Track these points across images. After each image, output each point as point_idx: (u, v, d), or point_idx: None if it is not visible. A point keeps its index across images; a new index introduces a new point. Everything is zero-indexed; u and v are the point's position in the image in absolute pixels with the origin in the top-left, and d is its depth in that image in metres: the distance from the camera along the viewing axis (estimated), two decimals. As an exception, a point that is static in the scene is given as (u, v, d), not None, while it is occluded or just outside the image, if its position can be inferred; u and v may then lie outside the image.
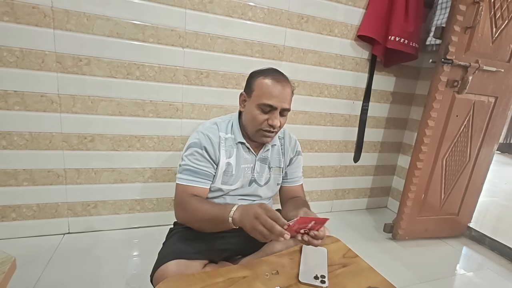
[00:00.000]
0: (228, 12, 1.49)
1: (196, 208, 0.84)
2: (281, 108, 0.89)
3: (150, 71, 1.44)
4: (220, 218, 0.78)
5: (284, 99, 0.89)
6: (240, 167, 0.97)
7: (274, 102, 0.88)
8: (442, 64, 1.50)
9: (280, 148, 1.05)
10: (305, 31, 1.67)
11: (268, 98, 0.88)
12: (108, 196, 1.54)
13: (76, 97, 1.37)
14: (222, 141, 0.95)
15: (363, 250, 1.11)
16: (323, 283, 0.73)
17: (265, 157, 1.02)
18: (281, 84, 0.89)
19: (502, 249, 1.77)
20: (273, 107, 0.88)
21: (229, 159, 0.95)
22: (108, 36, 1.34)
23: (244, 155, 0.98)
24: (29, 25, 1.24)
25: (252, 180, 1.00)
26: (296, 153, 1.08)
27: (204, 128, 0.96)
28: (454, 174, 1.78)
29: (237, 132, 0.97)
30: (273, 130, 0.91)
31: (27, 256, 1.32)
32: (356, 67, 1.85)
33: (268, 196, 1.05)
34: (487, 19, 1.51)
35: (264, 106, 0.88)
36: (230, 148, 0.96)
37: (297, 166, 1.09)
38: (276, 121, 0.89)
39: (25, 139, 1.35)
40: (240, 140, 0.96)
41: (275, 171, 1.04)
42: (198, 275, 0.75)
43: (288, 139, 1.08)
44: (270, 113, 0.89)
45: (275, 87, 0.88)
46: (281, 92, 0.88)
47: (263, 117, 0.89)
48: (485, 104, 1.68)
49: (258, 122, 0.90)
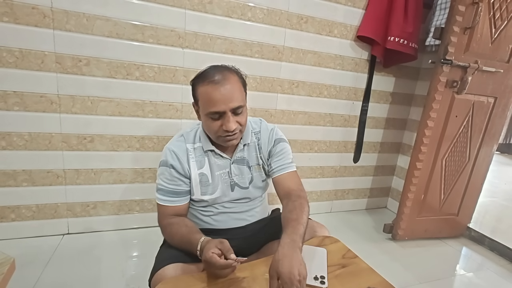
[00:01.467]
0: (227, 12, 1.49)
1: (169, 236, 0.87)
2: (230, 109, 0.83)
3: (150, 71, 1.44)
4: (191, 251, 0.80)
5: (229, 99, 0.82)
6: (215, 174, 0.93)
7: (219, 107, 0.81)
8: (442, 65, 1.50)
9: (257, 142, 0.99)
10: (305, 31, 1.67)
11: (212, 106, 0.82)
12: (107, 196, 1.54)
13: (76, 97, 1.37)
14: (190, 152, 0.91)
15: (362, 250, 1.11)
16: (322, 283, 0.73)
17: (242, 158, 0.97)
18: (219, 84, 0.82)
19: (501, 250, 1.77)
20: (220, 112, 0.82)
21: (201, 169, 0.92)
22: (107, 37, 1.34)
23: (216, 162, 0.94)
24: (29, 25, 1.24)
25: (233, 185, 0.96)
26: (276, 141, 0.99)
27: (170, 143, 0.93)
28: (454, 175, 1.78)
29: (204, 140, 0.93)
30: (232, 133, 0.85)
31: (26, 256, 1.32)
32: (356, 67, 1.85)
33: (258, 195, 1.02)
34: (486, 20, 1.51)
35: (212, 115, 0.83)
36: (201, 157, 0.92)
37: (281, 153, 0.99)
38: (230, 125, 0.83)
39: (24, 140, 1.34)
40: (208, 148, 0.92)
41: (255, 169, 0.99)
42: (197, 275, 0.75)
43: (265, 131, 1.01)
44: (222, 118, 0.84)
45: (214, 91, 0.81)
46: (223, 93, 0.81)
47: (216, 124, 0.85)
48: (485, 104, 1.68)
49: (214, 130, 0.86)
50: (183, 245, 0.83)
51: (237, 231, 1.00)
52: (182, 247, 0.83)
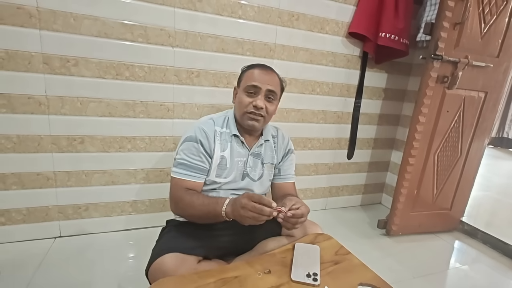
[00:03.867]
0: (217, 10, 1.47)
1: (188, 204, 0.88)
2: (266, 89, 0.94)
3: (140, 71, 1.43)
4: (213, 213, 0.82)
5: (269, 82, 0.95)
6: (233, 160, 0.99)
7: (258, 83, 0.94)
8: (432, 60, 1.51)
9: (274, 145, 1.08)
10: (296, 28, 1.66)
11: (252, 80, 0.94)
12: (99, 198, 1.53)
13: (65, 98, 1.35)
14: (217, 134, 0.97)
15: (357, 246, 1.11)
16: (315, 280, 0.73)
17: (259, 153, 1.04)
18: (266, 71, 0.97)
19: (494, 243, 1.80)
20: (257, 87, 0.94)
21: (223, 153, 0.97)
22: (96, 36, 1.32)
23: (237, 149, 1.00)
24: (14, 26, 1.21)
25: (244, 174, 1.02)
26: (288, 151, 1.11)
27: (200, 122, 0.99)
28: (446, 169, 1.79)
29: (232, 126, 1.00)
30: (258, 112, 0.94)
31: (17, 260, 1.30)
32: (348, 64, 1.85)
33: (261, 192, 1.06)
34: (475, 15, 1.52)
35: (249, 88, 0.94)
36: (225, 142, 0.99)
37: (289, 163, 1.11)
38: (260, 102, 0.93)
39: (12, 142, 1.32)
40: (234, 133, 0.99)
41: (268, 167, 1.06)
42: (189, 276, 0.74)
43: (281, 138, 1.12)
44: (255, 96, 0.95)
45: (260, 72, 0.96)
46: (265, 76, 0.96)
47: (248, 100, 0.95)
48: (475, 99, 1.69)
49: (244, 104, 0.95)
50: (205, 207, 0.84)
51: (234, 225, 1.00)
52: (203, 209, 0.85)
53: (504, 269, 1.60)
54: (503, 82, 1.72)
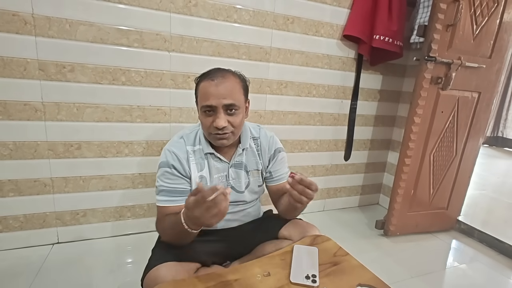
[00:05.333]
0: (213, 15, 1.48)
1: (162, 232, 0.86)
2: (222, 105, 0.84)
3: (136, 76, 1.43)
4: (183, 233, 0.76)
5: (222, 96, 0.84)
6: (213, 177, 0.94)
7: (211, 102, 0.84)
8: (426, 62, 1.53)
9: (256, 149, 1.01)
10: (291, 32, 1.68)
11: (205, 100, 0.85)
12: (97, 203, 1.52)
13: (61, 104, 1.35)
14: (190, 155, 0.92)
15: (355, 247, 1.12)
16: (314, 282, 0.74)
17: (240, 162, 0.98)
18: (215, 81, 0.84)
19: (490, 241, 1.81)
20: (212, 106, 0.84)
21: (201, 172, 0.93)
22: (91, 42, 1.33)
23: (215, 165, 0.95)
24: (10, 32, 1.21)
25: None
26: (275, 151, 1.03)
27: (170, 144, 0.93)
28: (442, 169, 1.81)
29: (205, 143, 0.94)
30: (222, 132, 0.86)
31: (15, 268, 1.29)
32: (343, 66, 1.87)
33: (252, 199, 1.03)
34: (467, 17, 1.54)
35: (204, 109, 0.86)
36: (201, 160, 0.93)
37: (280, 163, 1.04)
38: (219, 121, 0.84)
39: (9, 149, 1.32)
40: (208, 151, 0.93)
41: (253, 174, 1.01)
42: (188, 280, 0.75)
43: (265, 138, 1.03)
44: (213, 115, 0.86)
45: (209, 87, 0.84)
46: (216, 90, 0.84)
47: (208, 120, 0.86)
48: (469, 99, 1.72)
49: (206, 126, 0.88)
50: (174, 231, 0.79)
51: (230, 232, 1.00)
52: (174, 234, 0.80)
53: (501, 267, 1.62)
54: (496, 82, 1.75)
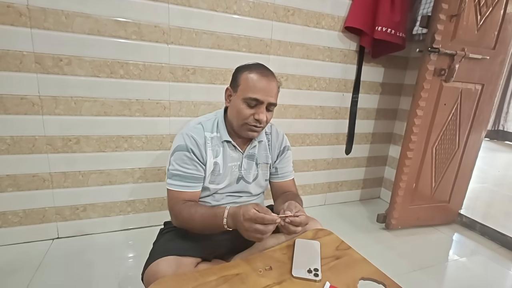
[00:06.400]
0: (212, 6, 1.46)
1: (187, 218, 0.85)
2: (268, 102, 0.88)
3: (135, 69, 1.41)
4: (214, 226, 0.80)
5: (270, 93, 0.88)
6: (227, 165, 0.95)
7: (260, 96, 0.86)
8: (429, 53, 1.50)
9: (267, 144, 1.04)
10: (292, 23, 1.65)
11: (254, 92, 0.86)
12: (97, 198, 1.51)
13: (58, 98, 1.33)
14: (208, 141, 0.93)
15: (357, 241, 1.11)
16: (316, 276, 0.73)
17: (252, 154, 1.00)
18: (267, 78, 0.88)
19: (492, 234, 1.81)
20: (259, 101, 0.87)
21: (216, 159, 0.94)
22: (88, 34, 1.30)
23: (230, 154, 0.96)
24: (4, 24, 1.19)
25: (239, 178, 0.99)
26: (284, 148, 1.07)
27: (188, 129, 0.93)
28: (444, 162, 1.79)
29: (223, 130, 0.95)
30: (259, 125, 0.90)
31: (15, 263, 1.28)
32: (345, 59, 1.84)
33: (258, 192, 1.04)
34: (471, 7, 1.51)
35: (250, 100, 0.87)
36: (217, 147, 0.94)
37: (286, 161, 1.07)
38: (263, 116, 0.88)
39: (6, 144, 1.30)
40: (225, 139, 0.94)
41: (262, 167, 1.03)
42: (190, 274, 0.74)
43: (275, 135, 1.06)
44: (256, 108, 0.88)
45: (261, 81, 0.87)
46: (267, 86, 0.87)
47: (249, 112, 0.88)
48: (472, 91, 1.69)
49: (244, 116, 0.88)
50: (205, 220, 0.82)
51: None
52: (203, 223, 0.82)
53: (503, 260, 1.61)
54: (500, 74, 1.72)
